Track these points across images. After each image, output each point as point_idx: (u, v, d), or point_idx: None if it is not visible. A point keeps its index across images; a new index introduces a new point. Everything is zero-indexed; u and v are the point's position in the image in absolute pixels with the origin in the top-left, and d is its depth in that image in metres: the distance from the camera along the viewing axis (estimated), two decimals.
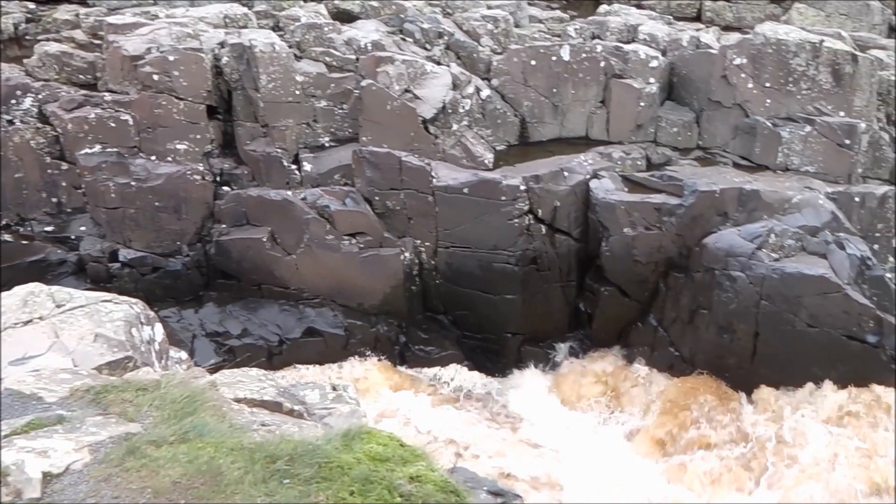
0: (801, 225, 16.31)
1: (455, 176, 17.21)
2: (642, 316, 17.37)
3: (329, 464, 5.71)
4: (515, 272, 17.19)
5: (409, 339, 17.73)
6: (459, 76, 18.61)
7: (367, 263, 17.22)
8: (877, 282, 15.76)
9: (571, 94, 19.02)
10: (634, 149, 18.71)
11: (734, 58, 18.56)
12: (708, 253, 16.28)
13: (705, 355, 16.40)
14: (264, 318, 17.55)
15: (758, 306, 15.70)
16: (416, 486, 5.71)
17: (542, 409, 16.91)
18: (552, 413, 16.86)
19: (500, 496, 6.89)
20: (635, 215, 16.83)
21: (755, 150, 18.44)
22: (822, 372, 15.55)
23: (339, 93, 18.51)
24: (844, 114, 18.24)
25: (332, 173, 17.90)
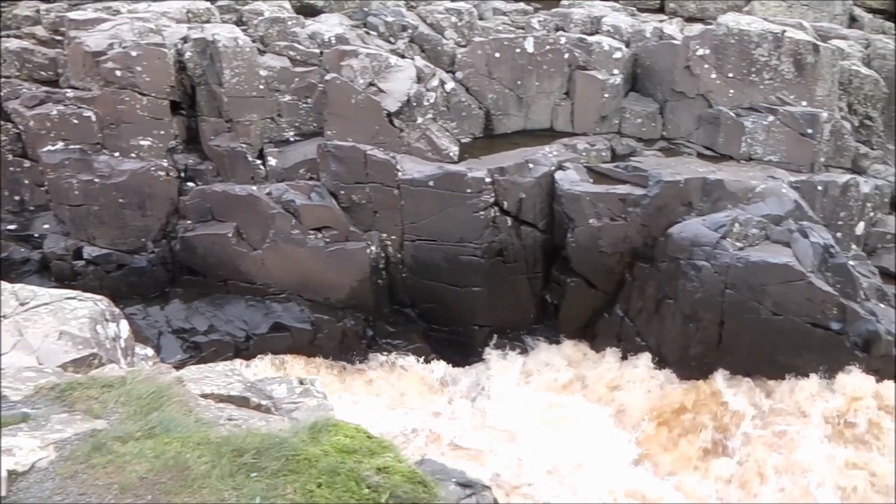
0: (764, 214, 16.42)
1: (420, 169, 17.20)
2: (608, 306, 17.43)
3: (296, 456, 5.70)
4: (482, 264, 17.21)
5: (376, 333, 17.70)
6: (424, 69, 18.61)
7: (334, 257, 17.18)
8: (840, 269, 15.89)
9: (536, 86, 19.07)
10: (599, 140, 18.79)
11: (697, 49, 18.65)
12: (673, 243, 16.37)
13: (671, 344, 16.50)
14: (231, 313, 17.47)
15: (723, 295, 15.80)
16: (383, 478, 5.72)
17: (512, 397, 16.99)
18: (522, 400, 16.93)
19: (468, 487, 6.91)
20: (600, 206, 16.88)
21: (719, 140, 18.56)
22: (787, 359, 15.69)
23: (304, 87, 18.47)
24: (806, 103, 18.38)
25: (297, 168, 17.86)
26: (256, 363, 16.93)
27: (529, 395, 16.96)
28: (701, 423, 15.73)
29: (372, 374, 17.28)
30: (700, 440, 15.56)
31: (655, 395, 16.38)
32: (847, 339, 15.49)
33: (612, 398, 16.62)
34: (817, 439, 15.14)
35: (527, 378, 17.30)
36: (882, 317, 15.82)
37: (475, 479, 7.30)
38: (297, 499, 5.41)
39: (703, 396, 16.02)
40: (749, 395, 15.82)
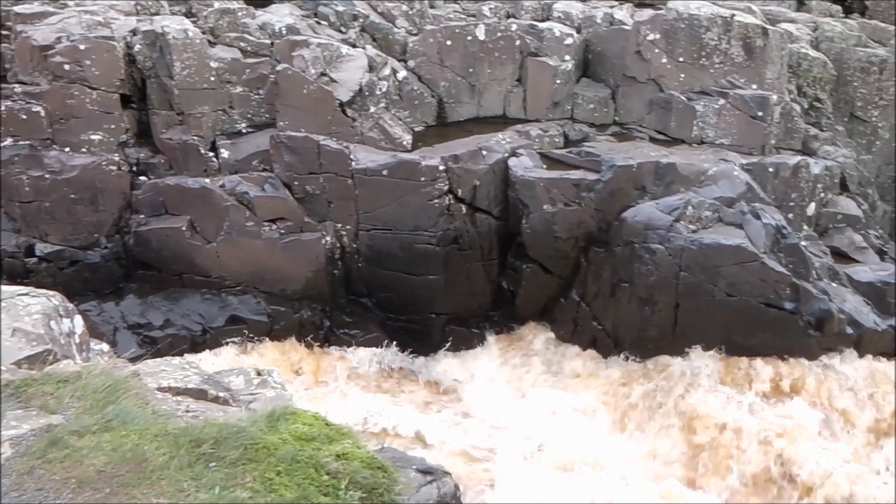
0: (717, 196, 16.57)
1: (374, 158, 17.18)
2: (565, 291, 17.49)
3: (255, 445, 5.71)
4: (437, 252, 17.21)
5: (333, 323, 17.66)
6: (375, 58, 18.59)
7: (289, 249, 17.13)
8: (792, 250, 16.06)
9: (488, 74, 19.12)
10: (552, 126, 18.86)
11: (648, 33, 18.77)
12: (627, 227, 16.46)
13: (627, 328, 16.59)
14: (186, 307, 17.35)
15: (677, 277, 15.92)
16: (342, 464, 5.73)
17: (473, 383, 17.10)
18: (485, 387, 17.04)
19: (429, 474, 6.90)
20: (554, 192, 16.94)
21: (671, 124, 18.69)
22: (742, 339, 15.86)
23: (255, 78, 18.39)
24: (756, 86, 18.56)
25: (251, 159, 17.78)
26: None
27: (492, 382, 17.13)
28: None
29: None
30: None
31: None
32: (800, 318, 15.66)
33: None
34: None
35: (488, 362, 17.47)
36: (834, 296, 16.05)
37: (435, 465, 7.30)
38: (257, 487, 5.41)
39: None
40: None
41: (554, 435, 15.56)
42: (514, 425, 15.98)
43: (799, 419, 15.14)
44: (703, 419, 15.26)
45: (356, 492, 5.62)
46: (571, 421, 16.00)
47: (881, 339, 16.23)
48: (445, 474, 7.10)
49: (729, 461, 14.88)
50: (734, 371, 15.90)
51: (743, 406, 15.36)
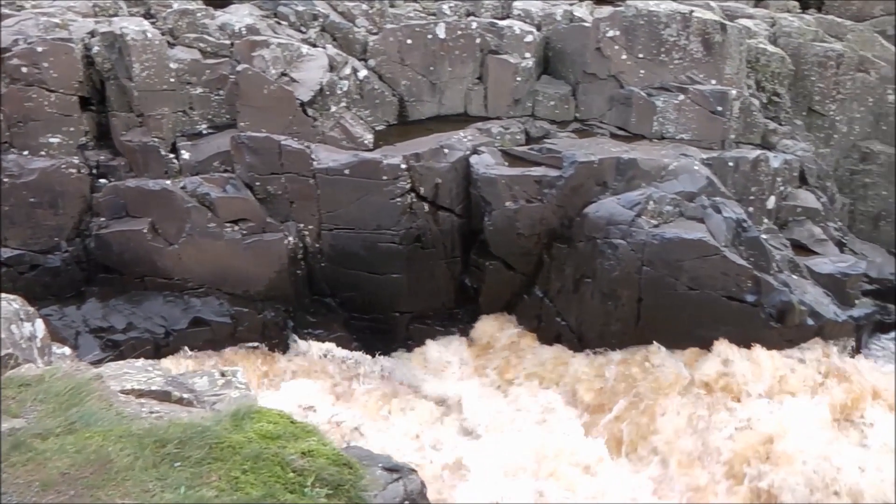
0: (678, 191, 16.69)
1: (335, 157, 17.15)
2: (528, 288, 17.54)
3: (220, 444, 5.71)
4: (400, 251, 17.21)
5: (297, 324, 17.61)
6: (336, 58, 18.57)
7: (251, 249, 17.06)
8: (753, 243, 16.21)
9: (448, 72, 19.14)
10: (513, 123, 18.91)
11: (607, 30, 18.85)
12: (589, 222, 16.53)
13: (591, 323, 16.67)
14: (149, 310, 17.23)
15: (640, 272, 16.01)
16: (308, 461, 5.75)
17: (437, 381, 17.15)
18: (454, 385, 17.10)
19: (395, 472, 6.92)
20: (516, 189, 16.99)
21: (631, 120, 18.79)
22: (704, 332, 15.98)
23: (215, 79, 18.32)
24: (716, 82, 18.68)
25: (212, 160, 17.70)
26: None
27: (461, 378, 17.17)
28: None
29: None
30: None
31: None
32: (762, 310, 15.81)
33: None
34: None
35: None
36: (795, 288, 16.21)
37: (401, 463, 7.32)
38: (223, 486, 5.41)
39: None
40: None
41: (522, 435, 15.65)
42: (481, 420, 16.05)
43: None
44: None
45: (322, 489, 5.63)
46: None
47: (841, 329, 16.44)
48: (412, 471, 7.12)
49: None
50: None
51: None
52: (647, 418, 15.40)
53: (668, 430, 15.20)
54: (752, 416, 15.04)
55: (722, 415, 15.20)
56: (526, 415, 16.09)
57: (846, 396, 15.71)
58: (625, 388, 15.95)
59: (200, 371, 8.70)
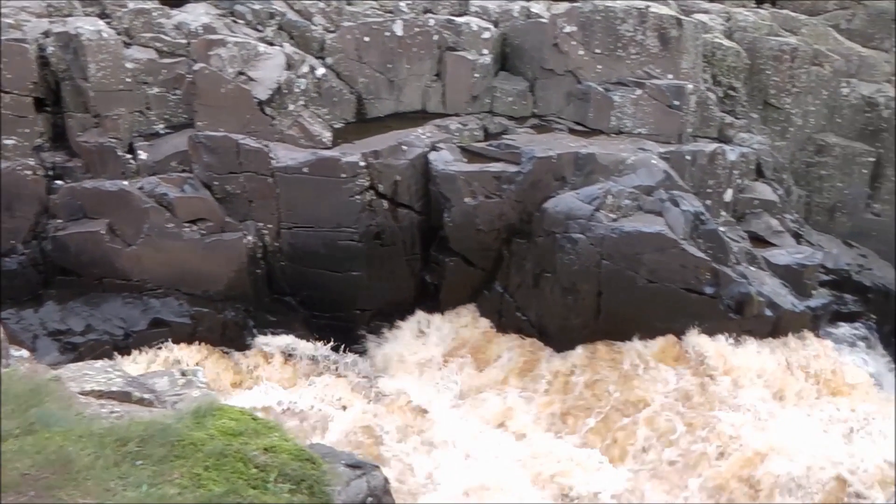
0: (636, 185, 16.79)
1: (294, 156, 17.10)
2: (488, 283, 17.59)
3: (181, 442, 5.69)
4: (360, 248, 17.20)
5: (257, 323, 17.53)
6: (293, 56, 18.51)
7: (210, 249, 16.98)
8: (710, 235, 16.33)
9: (406, 69, 19.14)
10: (471, 120, 18.96)
11: (564, 26, 18.92)
12: (548, 217, 16.60)
13: (551, 317, 16.74)
14: (108, 312, 17.11)
15: (599, 266, 16.10)
16: (270, 457, 5.74)
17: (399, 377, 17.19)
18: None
19: (358, 468, 6.92)
20: (475, 185, 17.02)
21: (589, 115, 18.89)
22: (664, 325, 16.11)
23: (172, 78, 18.22)
24: (672, 76, 18.79)
25: (169, 160, 17.59)
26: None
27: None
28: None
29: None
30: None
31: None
32: (720, 302, 15.96)
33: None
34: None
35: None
36: (753, 279, 16.39)
37: (364, 459, 7.33)
38: (185, 483, 5.40)
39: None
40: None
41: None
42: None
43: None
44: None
45: (285, 484, 5.63)
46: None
47: (799, 319, 16.61)
48: (374, 468, 7.13)
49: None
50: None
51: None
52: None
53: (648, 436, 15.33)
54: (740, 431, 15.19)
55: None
56: (489, 415, 16.21)
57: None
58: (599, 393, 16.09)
59: (161, 371, 8.67)
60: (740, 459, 14.66)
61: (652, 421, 15.48)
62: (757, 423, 15.17)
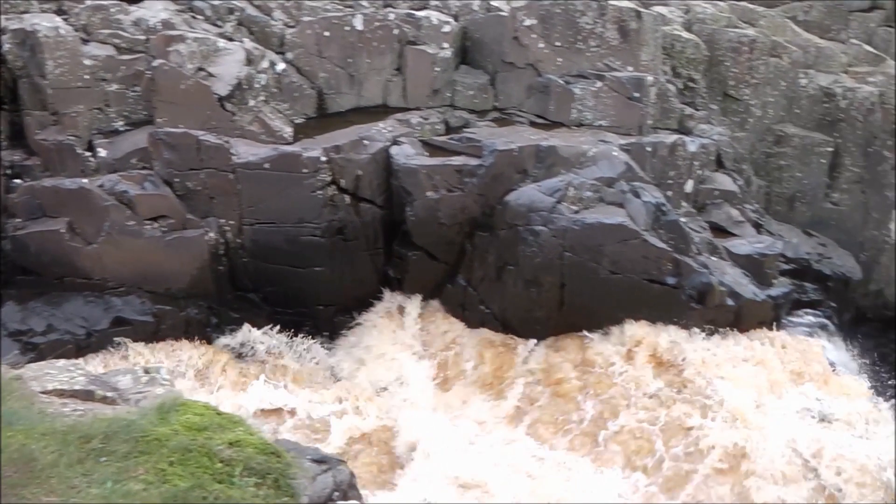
0: (597, 177, 16.86)
1: (255, 152, 17.04)
2: (451, 277, 17.61)
3: (146, 437, 5.66)
4: (322, 244, 17.16)
5: (221, 320, 17.46)
6: (253, 51, 18.44)
7: (172, 247, 16.89)
8: (672, 226, 16.42)
9: (367, 64, 19.12)
10: (432, 113, 18.97)
11: (524, 19, 18.96)
12: (510, 210, 16.63)
13: (515, 310, 16.79)
14: (69, 311, 16.97)
15: (562, 258, 16.15)
16: (236, 451, 5.73)
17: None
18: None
19: (324, 463, 6.93)
20: (437, 178, 17.02)
21: (550, 107, 18.94)
22: (627, 316, 16.19)
23: (131, 75, 18.09)
24: (632, 68, 18.90)
25: (129, 158, 17.45)
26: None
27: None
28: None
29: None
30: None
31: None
32: (682, 292, 16.06)
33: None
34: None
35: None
36: (714, 269, 16.50)
37: (330, 454, 7.33)
38: (150, 478, 5.37)
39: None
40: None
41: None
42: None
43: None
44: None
45: (251, 478, 5.62)
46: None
47: (760, 308, 16.74)
48: (340, 462, 7.14)
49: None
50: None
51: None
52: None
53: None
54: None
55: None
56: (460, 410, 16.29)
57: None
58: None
59: (124, 369, 8.63)
60: (718, 452, 14.78)
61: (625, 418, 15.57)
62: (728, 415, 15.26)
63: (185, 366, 16.53)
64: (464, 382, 16.97)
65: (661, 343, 16.04)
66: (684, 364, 15.86)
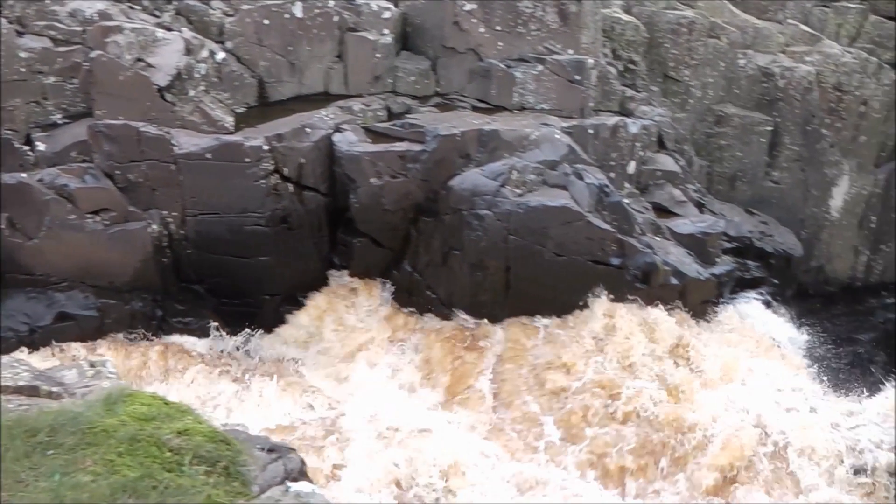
0: (540, 160, 16.96)
1: (196, 142, 16.90)
2: (397, 263, 17.62)
3: (93, 429, 5.63)
4: (266, 233, 17.07)
5: (166, 313, 17.34)
6: (192, 41, 18.27)
7: (114, 240, 16.73)
8: (615, 207, 16.56)
9: (307, 51, 19.01)
10: (374, 100, 18.91)
11: (464, 4, 18.95)
12: (454, 195, 16.68)
13: (461, 294, 16.83)
14: (11, 308, 16.75)
15: (506, 241, 16.23)
16: (184, 440, 5.71)
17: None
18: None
19: (274, 452, 6.92)
20: (380, 165, 17.01)
21: (491, 91, 18.98)
22: (572, 298, 16.27)
23: (68, 67, 17.87)
24: (573, 51, 18.97)
25: (69, 151, 17.25)
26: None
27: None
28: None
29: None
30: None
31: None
32: (627, 272, 16.21)
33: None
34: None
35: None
36: (658, 249, 16.68)
37: (279, 442, 7.32)
38: (98, 470, 5.34)
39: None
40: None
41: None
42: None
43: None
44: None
45: (201, 466, 5.60)
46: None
47: (704, 287, 16.96)
48: (290, 451, 7.13)
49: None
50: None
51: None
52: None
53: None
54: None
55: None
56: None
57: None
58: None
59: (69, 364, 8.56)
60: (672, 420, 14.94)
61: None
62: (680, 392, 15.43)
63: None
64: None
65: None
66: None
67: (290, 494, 4.55)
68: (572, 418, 15.11)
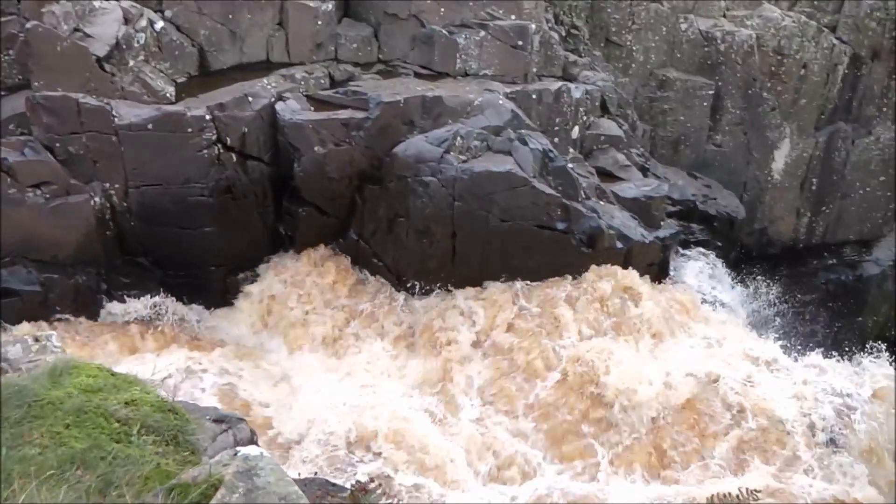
0: (484, 126, 17.00)
1: (137, 113, 16.72)
2: (343, 231, 17.61)
3: (39, 402, 5.57)
4: (211, 204, 16.98)
5: (111, 286, 17.21)
6: (130, 10, 18.04)
7: (56, 213, 16.54)
8: (560, 172, 16.62)
9: (248, 19, 18.83)
10: (316, 68, 18.81)
11: None
12: (399, 162, 16.67)
13: (408, 261, 16.87)
14: None
15: (452, 208, 16.27)
16: (132, 410, 5.66)
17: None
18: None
19: (223, 422, 6.90)
20: (324, 133, 16.96)
21: (434, 58, 18.95)
22: (519, 263, 16.34)
23: (4, 38, 17.58)
24: (515, 17, 18.96)
25: (7, 124, 17.00)
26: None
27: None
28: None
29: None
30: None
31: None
32: (573, 237, 16.31)
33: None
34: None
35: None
36: (603, 213, 16.78)
37: (229, 413, 7.29)
38: (45, 442, 5.29)
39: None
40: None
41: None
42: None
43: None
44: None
45: (149, 436, 5.57)
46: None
47: (648, 250, 17.08)
48: (240, 420, 7.11)
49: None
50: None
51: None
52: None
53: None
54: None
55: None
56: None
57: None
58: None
59: (13, 338, 8.45)
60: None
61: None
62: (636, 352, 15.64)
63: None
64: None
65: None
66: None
67: (239, 458, 4.53)
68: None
